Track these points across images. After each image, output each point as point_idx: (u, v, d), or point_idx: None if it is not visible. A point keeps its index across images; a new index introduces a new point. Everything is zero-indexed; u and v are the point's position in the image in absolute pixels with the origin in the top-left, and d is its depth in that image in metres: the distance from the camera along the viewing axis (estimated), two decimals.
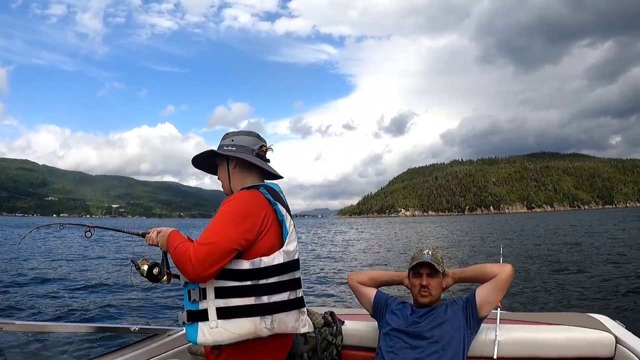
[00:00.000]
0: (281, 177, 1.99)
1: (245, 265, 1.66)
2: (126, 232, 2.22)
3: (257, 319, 1.63)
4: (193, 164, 2.05)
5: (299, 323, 1.76)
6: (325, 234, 55.00)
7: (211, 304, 1.64)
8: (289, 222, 1.80)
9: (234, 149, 1.93)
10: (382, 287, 2.67)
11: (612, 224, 48.20)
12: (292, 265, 1.77)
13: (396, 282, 2.59)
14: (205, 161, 2.06)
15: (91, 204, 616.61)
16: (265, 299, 1.65)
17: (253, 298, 1.64)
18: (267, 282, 1.67)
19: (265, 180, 2.00)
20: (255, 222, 1.70)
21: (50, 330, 2.47)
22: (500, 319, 2.41)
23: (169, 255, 1.89)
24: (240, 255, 1.68)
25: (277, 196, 1.82)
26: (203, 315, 1.65)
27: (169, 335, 2.67)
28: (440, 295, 2.43)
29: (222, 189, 2.01)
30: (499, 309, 2.45)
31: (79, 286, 13.60)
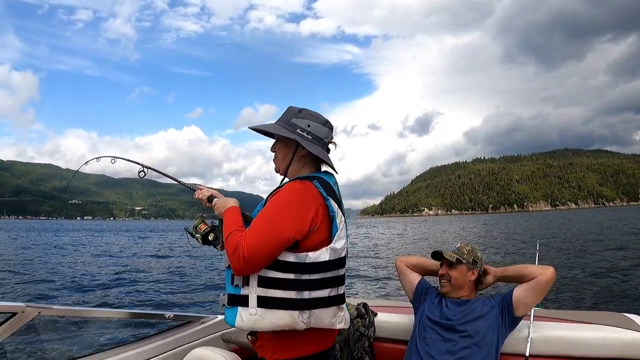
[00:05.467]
0: (337, 173, 1.89)
1: (290, 258, 1.63)
2: (177, 181, 2.18)
3: (295, 312, 1.62)
4: (250, 128, 1.89)
5: (335, 319, 1.74)
6: (355, 232, 56.12)
7: (253, 292, 1.62)
8: (339, 219, 1.74)
9: (310, 137, 1.81)
10: (427, 277, 2.67)
11: None
12: (337, 262, 1.72)
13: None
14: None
15: (114, 207, 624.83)
16: (306, 294, 1.63)
17: (294, 292, 1.62)
18: (310, 277, 1.65)
19: (321, 169, 1.90)
20: (307, 217, 1.65)
21: (86, 315, 2.55)
22: (534, 316, 2.40)
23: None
24: (288, 247, 1.64)
25: (330, 190, 1.75)
26: (243, 301, 1.64)
27: (202, 323, 2.71)
28: (466, 287, 2.42)
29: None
30: None
31: (117, 275, 14.64)
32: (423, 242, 31.34)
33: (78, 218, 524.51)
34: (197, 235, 1.89)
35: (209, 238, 1.89)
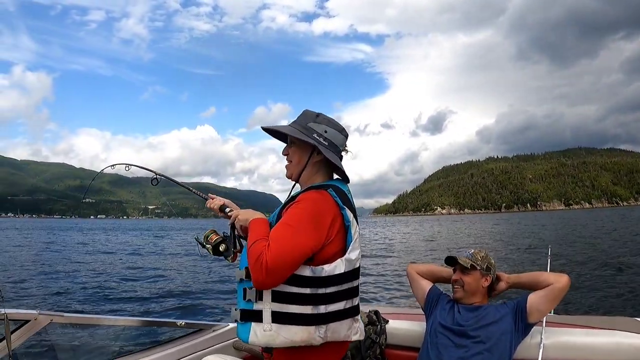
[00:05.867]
0: (348, 182, 1.86)
1: (307, 272, 1.58)
2: (189, 189, 2.19)
3: (311, 328, 1.57)
4: (263, 128, 1.85)
5: (351, 331, 1.70)
6: (368, 231, 55.90)
7: (267, 307, 1.57)
8: (354, 229, 1.70)
9: (326, 143, 1.76)
10: (439, 284, 2.66)
11: None
12: (352, 274, 1.68)
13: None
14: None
15: (128, 206, 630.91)
16: (322, 309, 1.59)
17: (310, 307, 1.57)
18: (326, 291, 1.60)
19: (334, 177, 1.87)
20: (325, 227, 1.61)
21: (98, 323, 2.52)
22: (546, 321, 2.36)
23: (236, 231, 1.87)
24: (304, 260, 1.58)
25: (345, 199, 1.71)
26: (257, 316, 1.59)
27: (214, 331, 2.71)
28: (479, 293, 2.41)
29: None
30: None
31: (129, 280, 14.51)
32: (435, 243, 31.27)
33: (92, 217, 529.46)
34: (208, 245, 1.86)
35: (220, 249, 1.85)
